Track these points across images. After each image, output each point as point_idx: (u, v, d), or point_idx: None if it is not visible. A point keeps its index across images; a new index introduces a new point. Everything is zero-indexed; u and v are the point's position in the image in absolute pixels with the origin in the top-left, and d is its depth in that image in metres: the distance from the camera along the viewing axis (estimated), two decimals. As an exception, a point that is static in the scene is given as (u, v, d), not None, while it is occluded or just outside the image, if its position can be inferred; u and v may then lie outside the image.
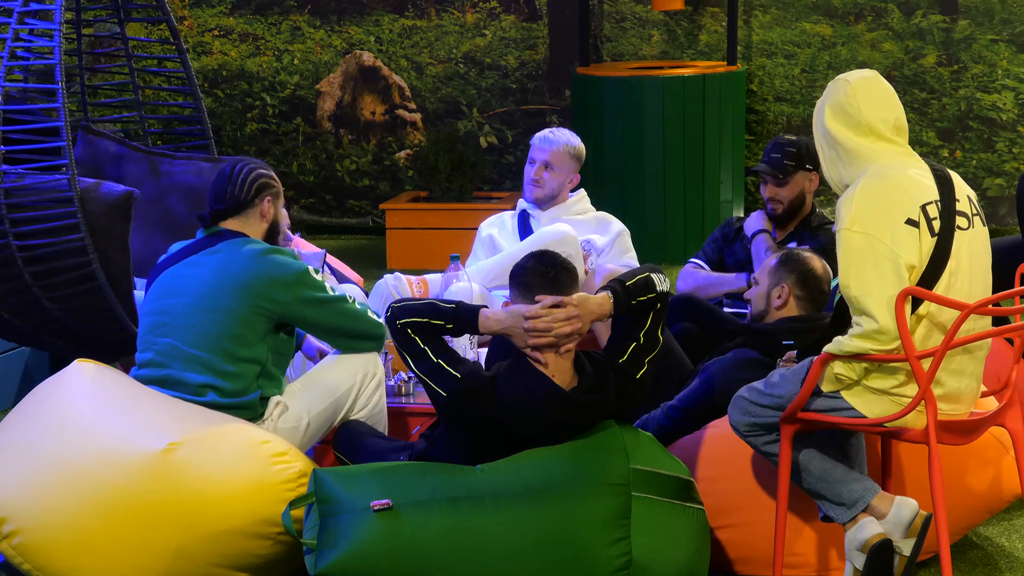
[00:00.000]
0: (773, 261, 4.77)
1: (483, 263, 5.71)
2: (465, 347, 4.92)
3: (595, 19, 9.09)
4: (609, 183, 8.48)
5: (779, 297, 4.70)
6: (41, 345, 5.78)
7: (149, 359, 4.53)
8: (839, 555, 4.29)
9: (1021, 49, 8.78)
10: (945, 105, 8.88)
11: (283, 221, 4.94)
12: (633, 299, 4.08)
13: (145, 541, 4.10)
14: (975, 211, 4.03)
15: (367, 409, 4.66)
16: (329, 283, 4.62)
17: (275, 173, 4.69)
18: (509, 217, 5.97)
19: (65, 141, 5.29)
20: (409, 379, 5.02)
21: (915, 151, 4.08)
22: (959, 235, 3.94)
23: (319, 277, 4.52)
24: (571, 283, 4.10)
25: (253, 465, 4.17)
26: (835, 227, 3.96)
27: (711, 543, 4.21)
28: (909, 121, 4.13)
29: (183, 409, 4.35)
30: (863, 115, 4.00)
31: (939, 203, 3.94)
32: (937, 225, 3.91)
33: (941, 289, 3.89)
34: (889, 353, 3.84)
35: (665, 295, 4.13)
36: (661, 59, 9.09)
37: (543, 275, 4.08)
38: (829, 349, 3.91)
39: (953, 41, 8.83)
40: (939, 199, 3.94)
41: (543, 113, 9.27)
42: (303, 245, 5.84)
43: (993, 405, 4.23)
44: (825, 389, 3.96)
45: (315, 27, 9.43)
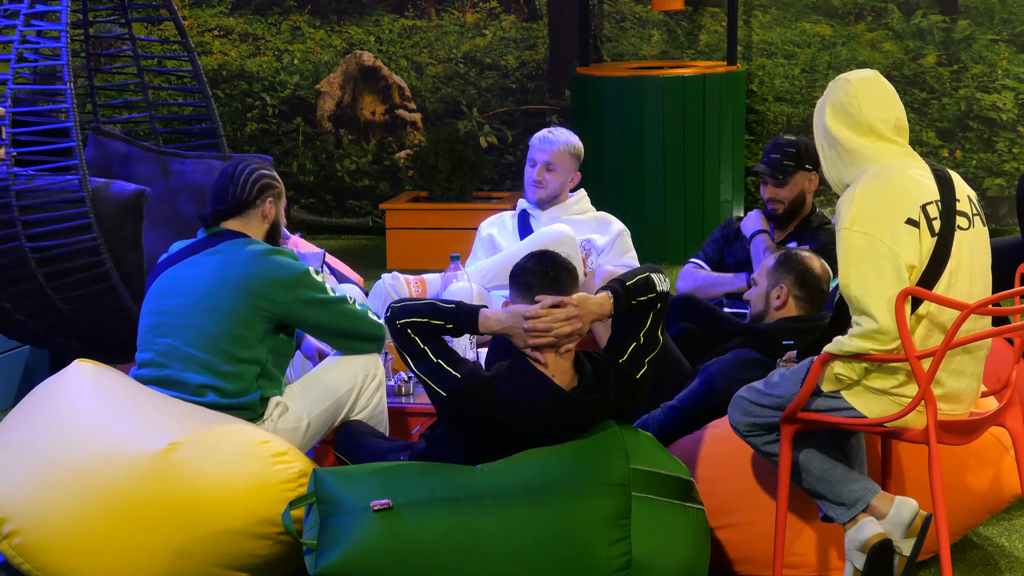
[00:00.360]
0: (771, 262, 4.77)
1: (483, 263, 5.70)
2: (465, 347, 4.92)
3: (595, 19, 9.08)
4: (609, 183, 8.47)
5: (778, 297, 4.70)
6: (54, 346, 5.75)
7: (149, 359, 4.52)
8: (839, 555, 4.29)
9: (1021, 49, 8.78)
10: (945, 105, 8.87)
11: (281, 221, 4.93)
12: (633, 299, 4.08)
13: (145, 541, 4.10)
14: (975, 211, 4.03)
15: (368, 410, 4.66)
16: (329, 283, 4.62)
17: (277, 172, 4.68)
18: (509, 217, 5.97)
19: (75, 141, 5.28)
20: (409, 379, 5.02)
21: (915, 151, 4.08)
22: (959, 235, 3.94)
23: (319, 277, 4.52)
24: (571, 283, 4.09)
25: (253, 465, 4.17)
26: (835, 226, 3.95)
27: (711, 543, 4.21)
28: (909, 121, 4.13)
29: (183, 409, 4.35)
30: (864, 115, 4.00)
31: (939, 203, 3.93)
32: (937, 225, 3.91)
33: (941, 289, 3.89)
34: (889, 353, 3.84)
35: (665, 295, 4.13)
36: (661, 59, 9.09)
37: (543, 275, 4.08)
38: (829, 349, 3.90)
39: (953, 41, 8.83)
40: (939, 199, 3.94)
41: (543, 113, 9.27)
42: (303, 245, 5.83)
43: (993, 405, 4.23)
44: (825, 389, 3.96)
45: (315, 27, 9.43)
